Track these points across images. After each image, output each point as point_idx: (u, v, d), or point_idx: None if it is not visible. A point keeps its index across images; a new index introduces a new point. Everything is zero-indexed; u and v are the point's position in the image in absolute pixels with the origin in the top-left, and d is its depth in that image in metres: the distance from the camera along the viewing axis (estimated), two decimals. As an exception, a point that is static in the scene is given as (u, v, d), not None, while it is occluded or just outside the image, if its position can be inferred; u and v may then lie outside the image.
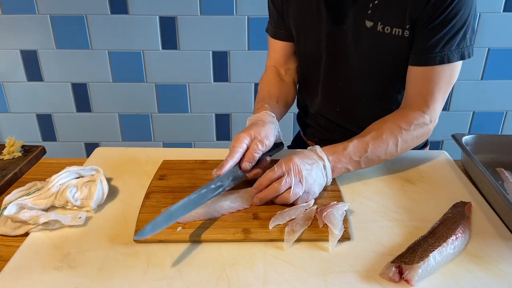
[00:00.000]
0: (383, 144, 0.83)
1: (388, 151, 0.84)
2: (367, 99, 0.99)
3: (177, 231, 0.69)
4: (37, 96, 1.91)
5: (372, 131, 0.84)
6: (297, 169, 0.74)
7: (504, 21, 1.76)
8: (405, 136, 0.85)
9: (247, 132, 0.81)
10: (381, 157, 0.84)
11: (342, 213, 0.72)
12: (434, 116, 0.88)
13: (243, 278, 0.61)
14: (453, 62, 0.84)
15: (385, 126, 0.85)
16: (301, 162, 0.76)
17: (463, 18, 0.81)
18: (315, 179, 0.76)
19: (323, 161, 0.78)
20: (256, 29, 1.77)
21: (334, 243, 0.67)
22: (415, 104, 0.88)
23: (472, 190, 0.84)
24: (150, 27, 1.77)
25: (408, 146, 0.87)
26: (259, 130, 0.82)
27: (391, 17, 0.84)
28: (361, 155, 0.82)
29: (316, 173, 0.76)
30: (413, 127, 0.85)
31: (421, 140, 0.89)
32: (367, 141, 0.82)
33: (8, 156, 0.92)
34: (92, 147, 1.98)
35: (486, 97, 1.92)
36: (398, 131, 0.84)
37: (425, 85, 0.86)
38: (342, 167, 0.81)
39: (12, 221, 0.71)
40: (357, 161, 0.82)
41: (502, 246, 0.68)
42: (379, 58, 0.90)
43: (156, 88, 1.90)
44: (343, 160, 0.81)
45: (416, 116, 0.86)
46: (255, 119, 0.87)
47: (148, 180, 0.85)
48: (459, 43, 0.83)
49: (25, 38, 1.79)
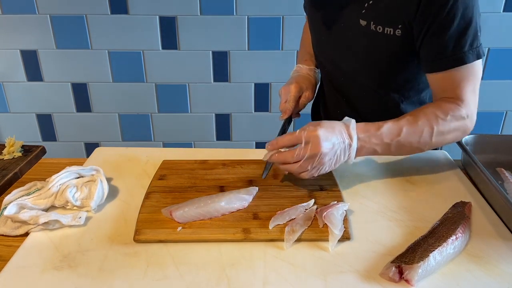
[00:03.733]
0: (418, 131, 0.80)
1: (422, 139, 0.80)
2: (367, 93, 1.00)
3: (177, 231, 0.69)
4: (37, 96, 1.91)
5: (409, 115, 0.82)
6: (316, 143, 0.73)
7: (504, 21, 1.76)
8: (441, 126, 0.81)
9: (299, 84, 1.03)
10: (414, 144, 0.81)
11: (342, 213, 0.72)
12: (471, 112, 0.83)
13: (243, 278, 0.61)
14: (469, 63, 0.81)
15: (421, 113, 0.81)
16: (325, 138, 0.74)
17: (466, 17, 0.79)
18: (331, 157, 0.75)
19: (351, 140, 0.76)
20: (256, 29, 1.77)
21: (334, 243, 0.67)
22: (448, 99, 0.84)
23: (472, 190, 0.84)
24: (150, 27, 1.77)
25: (443, 139, 0.82)
26: (309, 85, 1.05)
27: (382, 17, 0.86)
28: (393, 138, 0.79)
29: (336, 151, 0.75)
30: (450, 118, 0.81)
31: (457, 135, 0.84)
32: (401, 124, 0.79)
33: (8, 156, 0.92)
34: (92, 147, 1.98)
35: (486, 97, 1.92)
36: (434, 119, 0.81)
37: (450, 85, 0.83)
38: (370, 147, 0.78)
39: (12, 221, 0.71)
40: (388, 143, 0.79)
41: (502, 246, 0.68)
42: (373, 55, 0.92)
43: (156, 88, 1.90)
44: (374, 140, 0.78)
45: (452, 107, 0.82)
46: (305, 72, 1.08)
47: (148, 180, 0.85)
48: (472, 42, 0.80)
49: (25, 38, 1.79)
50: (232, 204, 0.75)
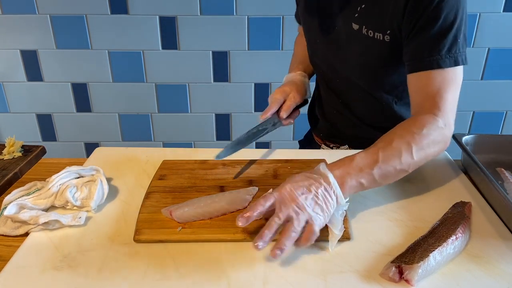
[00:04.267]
0: (395, 152, 0.73)
1: (403, 160, 0.73)
2: (362, 94, 1.01)
3: (177, 231, 0.69)
4: (37, 96, 1.91)
5: (380, 141, 0.75)
6: (289, 196, 0.64)
7: (504, 21, 1.76)
8: (418, 141, 0.74)
9: (285, 88, 1.01)
10: (397, 167, 0.73)
11: (342, 213, 0.72)
12: (448, 120, 0.79)
13: (243, 278, 0.61)
14: (445, 68, 0.79)
15: (394, 134, 0.76)
16: (294, 187, 0.65)
17: (448, 20, 0.78)
18: (316, 201, 0.65)
19: (327, 177, 0.67)
20: (256, 29, 1.77)
21: (334, 243, 0.67)
22: (424, 109, 0.80)
23: (472, 190, 0.84)
24: (150, 27, 1.77)
25: (425, 153, 0.75)
26: (294, 87, 1.02)
27: (373, 22, 0.87)
28: (372, 165, 0.71)
29: (317, 193, 0.65)
30: (426, 131, 0.75)
31: (438, 147, 0.78)
32: (375, 150, 0.73)
33: (8, 156, 0.92)
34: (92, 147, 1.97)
35: (486, 97, 1.92)
36: (409, 136, 0.75)
37: (428, 89, 0.80)
38: (353, 181, 0.70)
39: (12, 221, 0.71)
40: (369, 172, 0.71)
41: (502, 246, 0.68)
42: (365, 58, 0.93)
43: (156, 88, 1.90)
44: (352, 172, 0.70)
45: (427, 118, 0.77)
46: (291, 78, 1.08)
47: (148, 180, 0.85)
48: (450, 47, 0.79)
49: (25, 38, 1.78)
50: (232, 204, 0.75)
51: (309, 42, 1.07)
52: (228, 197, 0.76)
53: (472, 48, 1.81)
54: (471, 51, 1.81)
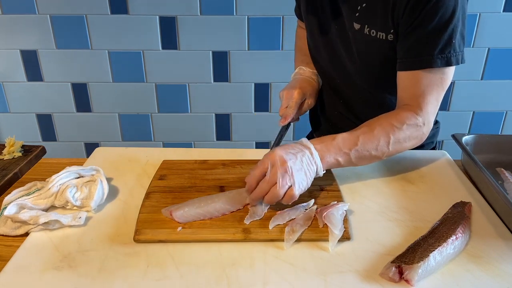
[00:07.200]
0: (374, 139, 0.80)
1: (379, 148, 0.81)
2: (363, 94, 1.01)
3: (177, 231, 0.69)
4: (37, 96, 1.91)
5: (364, 126, 0.83)
6: (281, 160, 0.71)
7: (504, 21, 1.76)
8: (397, 134, 0.82)
9: (302, 90, 1.01)
10: (372, 153, 0.81)
11: (342, 213, 0.72)
12: (428, 119, 0.84)
13: (243, 278, 0.61)
14: (436, 68, 0.80)
15: (377, 123, 0.83)
16: (285, 153, 0.73)
17: (443, 19, 0.78)
18: (302, 167, 0.73)
19: (310, 149, 0.76)
20: (256, 29, 1.77)
21: (334, 243, 0.67)
22: (407, 107, 0.85)
23: (472, 190, 0.84)
24: (150, 27, 1.77)
25: (401, 146, 0.83)
26: (310, 90, 1.04)
27: (376, 21, 0.86)
28: (351, 147, 0.79)
29: (302, 160, 0.74)
30: (405, 127, 0.82)
31: (414, 142, 0.85)
32: (357, 134, 0.80)
33: (8, 156, 0.92)
34: (92, 147, 1.98)
35: (486, 97, 1.92)
36: (390, 128, 0.82)
37: (415, 89, 0.84)
38: (331, 157, 0.78)
39: (12, 221, 0.71)
40: (347, 153, 0.79)
41: (502, 246, 0.68)
42: (367, 58, 0.92)
43: (156, 88, 1.90)
44: (332, 150, 0.78)
45: (408, 116, 0.83)
46: (307, 75, 1.07)
47: (148, 180, 0.85)
48: (442, 48, 0.79)
49: (25, 38, 1.79)
50: (232, 204, 0.75)
51: (311, 42, 1.06)
52: (228, 197, 0.76)
53: (472, 48, 1.81)
54: (471, 51, 1.81)
